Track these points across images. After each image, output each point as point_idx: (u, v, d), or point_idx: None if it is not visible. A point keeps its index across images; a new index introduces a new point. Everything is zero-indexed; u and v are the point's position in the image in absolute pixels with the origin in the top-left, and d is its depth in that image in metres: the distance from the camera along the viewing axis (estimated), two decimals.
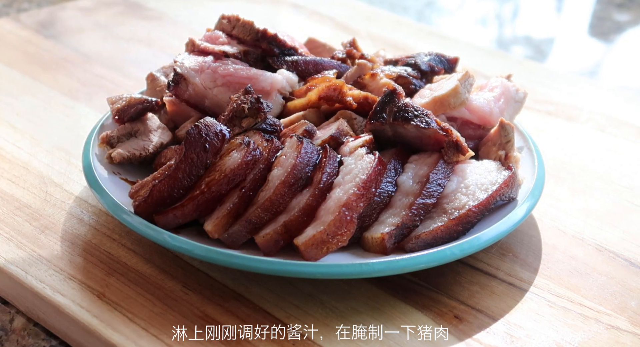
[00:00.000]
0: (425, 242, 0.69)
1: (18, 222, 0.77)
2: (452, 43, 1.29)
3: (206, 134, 0.72)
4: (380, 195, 0.71)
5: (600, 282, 0.73)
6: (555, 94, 1.14)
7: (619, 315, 0.69)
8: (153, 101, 0.86)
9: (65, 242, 0.74)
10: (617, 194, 0.88)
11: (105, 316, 0.65)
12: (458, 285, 0.71)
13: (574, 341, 0.66)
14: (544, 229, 0.80)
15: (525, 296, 0.70)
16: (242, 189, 0.70)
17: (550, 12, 1.94)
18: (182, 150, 0.71)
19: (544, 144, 0.89)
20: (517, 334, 0.66)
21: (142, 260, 0.72)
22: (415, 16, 1.77)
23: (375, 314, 0.67)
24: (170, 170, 0.71)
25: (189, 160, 0.71)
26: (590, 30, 1.76)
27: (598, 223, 0.82)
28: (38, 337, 0.69)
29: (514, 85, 0.85)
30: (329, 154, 0.72)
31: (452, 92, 0.79)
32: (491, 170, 0.75)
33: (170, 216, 0.70)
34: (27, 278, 0.69)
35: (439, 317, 0.67)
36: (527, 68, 1.26)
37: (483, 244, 0.69)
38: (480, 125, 0.83)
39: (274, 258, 0.66)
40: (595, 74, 1.49)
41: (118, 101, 0.85)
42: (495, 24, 1.86)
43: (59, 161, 0.88)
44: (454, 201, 0.72)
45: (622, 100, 1.14)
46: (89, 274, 0.70)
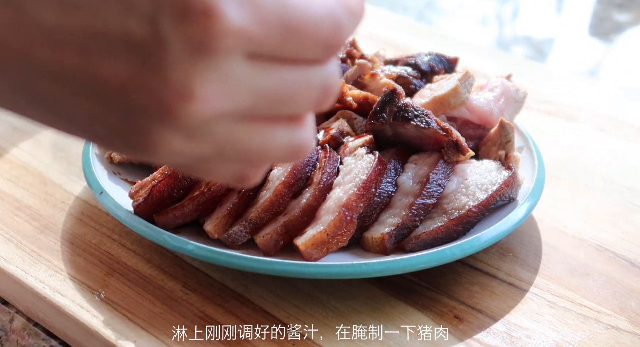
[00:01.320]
0: (425, 242, 0.69)
1: (18, 222, 0.77)
2: (452, 43, 1.29)
3: None
4: (380, 195, 0.71)
5: (600, 282, 0.73)
6: (555, 94, 1.14)
7: (619, 315, 0.69)
8: None
9: (65, 242, 0.74)
10: (617, 194, 0.88)
11: (105, 316, 0.65)
12: (458, 285, 0.71)
13: (574, 341, 0.66)
14: (544, 229, 0.80)
15: (525, 296, 0.70)
16: (242, 189, 0.70)
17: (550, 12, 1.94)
18: None
19: (544, 144, 0.89)
20: (517, 334, 0.66)
21: (142, 260, 0.72)
22: (415, 16, 1.77)
23: (375, 314, 0.67)
24: (169, 170, 0.71)
25: None
26: (591, 30, 1.76)
27: (598, 223, 0.82)
28: (38, 337, 0.69)
29: (514, 85, 0.85)
30: (328, 154, 0.72)
31: (452, 92, 0.79)
32: (491, 170, 0.75)
33: (170, 216, 0.70)
34: (27, 278, 0.69)
35: (439, 317, 0.67)
36: (527, 68, 1.26)
37: (483, 244, 0.69)
38: (480, 125, 0.82)
39: (274, 258, 0.66)
40: (596, 74, 1.49)
41: None
42: (495, 24, 1.86)
43: (59, 161, 0.88)
44: (454, 201, 0.72)
45: (622, 100, 1.14)
46: (89, 274, 0.70)
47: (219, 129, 0.35)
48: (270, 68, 0.35)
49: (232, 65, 0.33)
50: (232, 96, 0.34)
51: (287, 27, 0.34)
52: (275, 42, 0.34)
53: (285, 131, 0.38)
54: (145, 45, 0.32)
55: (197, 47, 0.32)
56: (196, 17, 0.32)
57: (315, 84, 0.37)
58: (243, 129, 0.36)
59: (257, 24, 0.33)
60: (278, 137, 0.38)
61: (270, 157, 0.39)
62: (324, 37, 0.36)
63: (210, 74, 0.33)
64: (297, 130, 0.38)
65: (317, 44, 0.36)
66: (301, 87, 0.37)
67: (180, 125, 0.34)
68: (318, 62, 0.37)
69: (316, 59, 0.37)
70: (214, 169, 0.39)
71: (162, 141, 0.35)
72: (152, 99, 0.33)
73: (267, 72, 0.35)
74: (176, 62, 0.32)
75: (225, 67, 0.33)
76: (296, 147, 0.39)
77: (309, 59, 0.36)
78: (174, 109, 0.33)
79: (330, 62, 0.37)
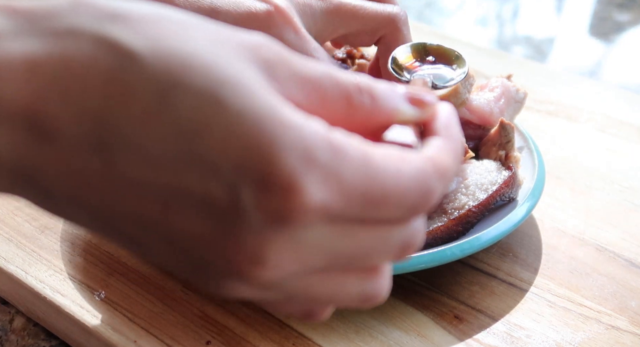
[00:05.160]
0: (425, 242, 0.69)
1: (18, 222, 0.77)
2: (452, 43, 1.29)
3: None
4: None
5: (600, 282, 0.73)
6: (555, 94, 1.14)
7: (619, 315, 0.69)
8: None
9: (65, 242, 0.74)
10: (617, 194, 0.88)
11: (105, 316, 0.65)
12: (458, 285, 0.71)
13: (574, 341, 0.65)
14: (544, 229, 0.80)
15: (525, 296, 0.70)
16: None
17: (550, 12, 1.94)
18: None
19: (544, 144, 0.89)
20: (517, 334, 0.66)
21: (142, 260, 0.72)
22: (415, 16, 1.77)
23: (376, 314, 0.67)
24: None
25: None
26: (591, 30, 1.76)
27: (598, 223, 0.82)
28: (38, 337, 0.69)
29: (514, 86, 0.85)
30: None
31: (452, 92, 0.79)
32: (491, 170, 0.75)
33: None
34: (27, 278, 0.69)
35: (439, 317, 0.67)
36: (527, 68, 1.26)
37: (483, 244, 0.69)
38: (480, 126, 0.82)
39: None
40: (596, 74, 1.49)
41: None
42: (495, 24, 1.86)
43: None
44: (454, 201, 0.72)
45: (622, 100, 1.14)
46: (89, 274, 0.70)
47: (290, 283, 0.35)
48: (349, 231, 0.35)
49: (308, 234, 0.34)
50: (306, 261, 0.34)
51: (372, 199, 0.34)
52: (357, 211, 0.34)
53: (358, 280, 0.38)
54: (223, 208, 0.32)
55: (275, 219, 0.32)
56: (277, 191, 0.32)
57: (396, 241, 0.37)
58: (316, 280, 0.36)
59: (339, 198, 0.33)
60: (350, 285, 0.37)
61: (339, 303, 0.38)
62: (411, 203, 0.35)
63: (285, 244, 0.33)
64: (371, 281, 0.38)
65: (402, 209, 0.35)
66: (379, 245, 0.36)
67: (251, 283, 0.34)
68: (401, 222, 0.36)
69: (399, 220, 0.36)
70: (281, 308, 0.39)
71: (233, 291, 0.35)
72: (225, 259, 0.33)
73: (344, 235, 0.35)
74: (252, 230, 0.32)
75: (301, 237, 0.33)
76: (368, 297, 0.39)
77: (392, 221, 0.36)
78: (245, 272, 0.33)
79: (414, 220, 0.37)
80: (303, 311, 0.39)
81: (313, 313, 0.40)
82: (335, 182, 0.33)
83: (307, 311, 0.39)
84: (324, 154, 0.33)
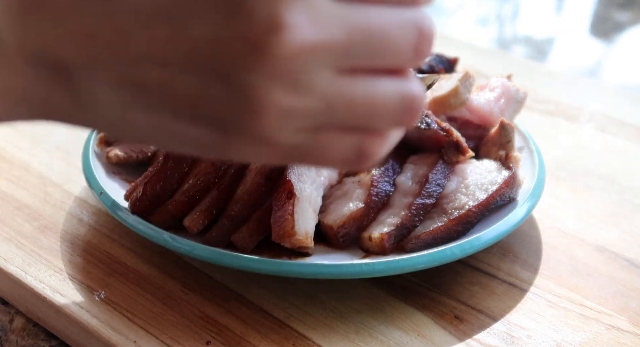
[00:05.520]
0: (425, 243, 0.69)
1: (18, 222, 0.77)
2: (452, 43, 1.29)
3: None
4: (378, 195, 0.71)
5: (600, 282, 0.73)
6: (556, 94, 1.14)
7: (620, 315, 0.69)
8: None
9: (65, 242, 0.74)
10: (617, 194, 0.88)
11: (105, 316, 0.65)
12: (458, 285, 0.71)
13: (575, 341, 0.65)
14: (544, 229, 0.80)
15: (525, 296, 0.70)
16: (221, 184, 0.69)
17: (550, 12, 1.94)
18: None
19: (544, 144, 0.89)
20: (518, 334, 0.66)
21: (142, 260, 0.72)
22: None
23: (375, 314, 0.67)
24: (158, 166, 0.71)
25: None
26: (591, 30, 1.76)
27: (599, 223, 0.82)
28: (38, 337, 0.69)
29: (514, 85, 0.85)
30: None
31: (452, 92, 0.79)
32: (491, 170, 0.75)
33: (165, 211, 0.69)
34: (27, 278, 0.69)
35: (439, 317, 0.67)
36: (527, 68, 1.26)
37: (483, 244, 0.69)
38: (480, 125, 0.82)
39: (274, 259, 0.66)
40: (596, 74, 1.49)
41: None
42: (495, 24, 1.86)
43: (58, 161, 0.88)
44: (453, 201, 0.72)
45: (622, 100, 1.14)
46: (88, 274, 0.70)
47: (318, 77, 0.35)
48: (360, 5, 0.35)
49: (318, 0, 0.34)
50: (323, 27, 0.34)
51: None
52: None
53: (390, 81, 0.37)
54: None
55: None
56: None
57: (408, 21, 0.37)
58: (345, 81, 0.36)
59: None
60: (384, 86, 0.37)
61: (383, 112, 0.37)
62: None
63: (297, 4, 0.33)
64: (404, 81, 0.38)
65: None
66: (393, 25, 0.36)
67: (275, 66, 0.33)
68: (408, 3, 0.37)
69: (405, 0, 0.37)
70: (331, 146, 0.38)
71: (264, 95, 0.34)
72: (242, 42, 0.33)
73: (356, 8, 0.35)
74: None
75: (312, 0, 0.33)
76: (408, 98, 0.38)
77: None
78: (265, 46, 0.33)
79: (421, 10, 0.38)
80: (355, 148, 0.38)
81: (365, 149, 0.38)
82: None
83: (359, 147, 0.38)
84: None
